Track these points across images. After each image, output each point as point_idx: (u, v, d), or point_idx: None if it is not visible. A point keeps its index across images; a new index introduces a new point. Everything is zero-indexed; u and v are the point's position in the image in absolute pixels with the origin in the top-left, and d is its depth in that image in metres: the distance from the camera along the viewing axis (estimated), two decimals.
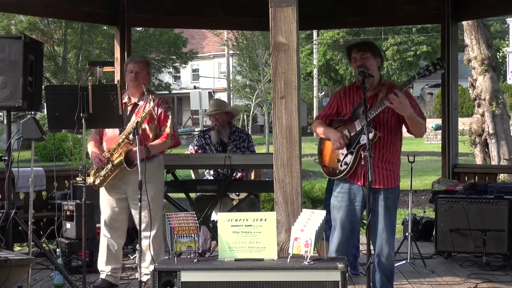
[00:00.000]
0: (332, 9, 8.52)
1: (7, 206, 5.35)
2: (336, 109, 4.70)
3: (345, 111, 4.65)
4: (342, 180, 4.60)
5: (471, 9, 8.27)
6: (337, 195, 4.62)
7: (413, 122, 4.46)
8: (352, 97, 4.64)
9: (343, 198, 4.59)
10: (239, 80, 30.04)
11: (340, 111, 4.68)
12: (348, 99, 4.65)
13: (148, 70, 5.57)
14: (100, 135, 5.56)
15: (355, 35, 38.52)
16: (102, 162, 5.33)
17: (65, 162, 17.56)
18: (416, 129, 4.53)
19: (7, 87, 5.28)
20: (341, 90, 4.76)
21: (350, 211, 4.58)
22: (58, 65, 33.21)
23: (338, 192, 4.62)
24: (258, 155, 7.01)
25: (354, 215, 4.59)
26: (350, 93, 4.67)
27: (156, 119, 5.42)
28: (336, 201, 4.62)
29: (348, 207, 4.57)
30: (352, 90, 4.67)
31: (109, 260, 5.54)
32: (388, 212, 4.55)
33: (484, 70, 12.66)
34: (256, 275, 3.61)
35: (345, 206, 4.57)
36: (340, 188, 4.61)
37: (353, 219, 4.60)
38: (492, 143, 12.72)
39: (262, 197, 9.24)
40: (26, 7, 7.71)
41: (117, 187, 5.44)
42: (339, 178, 4.60)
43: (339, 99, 4.69)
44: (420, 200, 13.06)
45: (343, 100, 4.67)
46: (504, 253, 6.43)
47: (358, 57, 4.57)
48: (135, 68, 5.45)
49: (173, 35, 35.98)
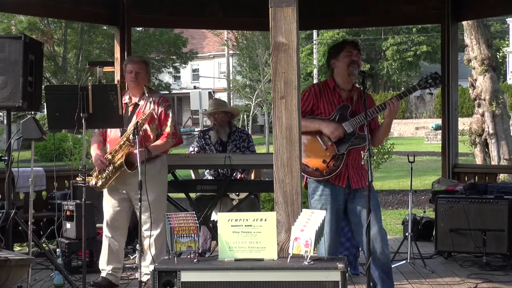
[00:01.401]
0: (332, 9, 8.53)
1: (7, 206, 5.35)
2: (311, 106, 4.65)
3: (322, 110, 4.63)
4: (323, 182, 4.61)
5: (471, 9, 8.27)
6: (320, 198, 4.64)
7: (387, 130, 4.74)
8: (329, 98, 4.63)
9: (327, 200, 4.61)
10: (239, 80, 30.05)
11: (314, 110, 4.65)
12: (325, 99, 4.64)
13: (148, 70, 5.57)
14: (103, 136, 5.56)
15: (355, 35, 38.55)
16: (104, 164, 5.33)
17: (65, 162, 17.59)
18: (384, 136, 4.79)
19: (7, 87, 5.27)
20: (316, 87, 4.71)
21: (335, 211, 4.61)
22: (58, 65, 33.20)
23: (321, 195, 4.63)
24: (258, 155, 7.01)
25: (339, 215, 4.64)
26: (325, 93, 4.65)
27: (156, 119, 5.42)
28: (320, 204, 4.62)
29: (333, 208, 4.59)
30: (327, 90, 4.66)
31: (110, 260, 5.54)
32: (375, 209, 4.54)
33: (484, 70, 12.65)
34: (256, 275, 3.60)
35: (331, 207, 4.59)
36: (322, 191, 4.63)
37: (338, 219, 4.65)
38: (492, 143, 12.72)
39: (262, 197, 9.24)
40: (26, 7, 7.71)
41: (119, 189, 5.45)
42: (324, 179, 4.60)
43: (314, 97, 4.64)
44: (420, 200, 13.06)
45: (319, 99, 4.64)
46: (504, 253, 6.43)
47: (354, 53, 4.60)
48: (134, 68, 5.45)
49: (173, 35, 35.97)
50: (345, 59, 4.60)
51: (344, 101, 4.62)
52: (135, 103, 5.45)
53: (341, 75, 4.64)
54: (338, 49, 4.67)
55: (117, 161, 5.30)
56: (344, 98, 4.63)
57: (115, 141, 5.41)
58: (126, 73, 5.50)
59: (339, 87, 4.65)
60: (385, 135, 4.73)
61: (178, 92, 45.06)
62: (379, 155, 13.15)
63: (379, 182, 15.15)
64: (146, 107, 5.41)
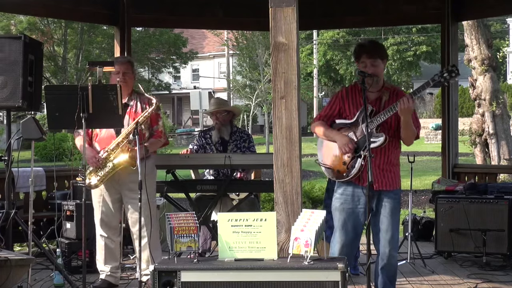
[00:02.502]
0: (332, 9, 8.53)
1: (7, 206, 5.35)
2: (338, 110, 4.62)
3: (348, 112, 4.59)
4: (345, 182, 4.57)
5: (471, 9, 8.28)
6: (340, 197, 4.58)
7: (407, 128, 4.48)
8: (355, 99, 4.57)
9: (346, 200, 4.56)
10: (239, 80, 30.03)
11: (342, 112, 4.62)
12: (351, 101, 4.59)
13: (133, 69, 5.59)
14: (89, 136, 5.51)
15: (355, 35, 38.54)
16: (99, 163, 5.33)
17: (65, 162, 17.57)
18: (408, 135, 4.54)
19: (7, 87, 5.28)
20: (343, 90, 4.68)
21: (353, 214, 4.55)
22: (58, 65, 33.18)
23: (341, 194, 4.58)
24: (258, 155, 7.01)
25: (357, 218, 4.56)
26: (353, 95, 4.59)
27: (149, 119, 5.43)
28: (339, 203, 4.58)
29: (351, 210, 4.54)
30: (355, 92, 4.59)
31: (108, 259, 5.54)
32: (392, 213, 4.52)
33: (484, 70, 12.66)
34: (256, 275, 3.61)
35: (348, 208, 4.55)
36: (343, 190, 4.58)
37: (356, 222, 4.56)
38: (492, 143, 12.72)
39: (262, 197, 9.24)
40: (26, 7, 7.71)
41: (113, 188, 5.45)
42: (345, 181, 4.57)
43: (341, 100, 4.61)
44: (420, 200, 13.06)
45: (345, 101, 4.60)
46: (504, 253, 6.43)
47: (368, 64, 4.48)
48: (121, 69, 5.45)
49: (173, 35, 35.96)
50: (360, 68, 4.53)
51: (372, 102, 4.50)
52: (125, 103, 5.43)
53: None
54: (356, 55, 4.58)
55: (114, 159, 5.30)
56: (372, 99, 4.53)
57: (107, 139, 5.40)
58: (113, 73, 5.50)
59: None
60: (409, 134, 4.50)
61: (178, 92, 45.06)
62: None
63: None
64: (137, 107, 5.43)
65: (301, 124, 4.11)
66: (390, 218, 4.51)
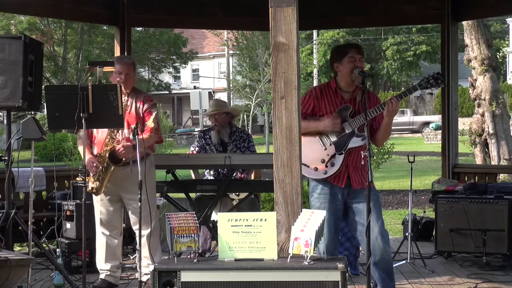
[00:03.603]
0: (332, 9, 8.53)
1: (7, 206, 5.35)
2: (312, 108, 4.66)
3: (324, 112, 4.63)
4: (322, 181, 4.62)
5: (471, 9, 8.28)
6: (319, 197, 4.64)
7: (386, 129, 4.62)
8: (331, 99, 4.63)
9: (326, 198, 4.61)
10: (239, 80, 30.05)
11: (316, 111, 4.65)
12: (327, 100, 4.64)
13: (135, 70, 5.60)
14: (90, 139, 5.51)
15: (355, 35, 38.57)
16: (97, 168, 5.32)
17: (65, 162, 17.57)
18: (385, 136, 4.70)
19: (7, 87, 5.28)
20: (317, 89, 4.72)
21: (334, 211, 4.60)
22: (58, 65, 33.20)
23: (319, 194, 4.64)
24: (258, 155, 7.01)
25: (337, 215, 4.64)
26: (328, 94, 4.65)
27: (142, 118, 5.42)
28: (319, 203, 4.63)
29: (331, 207, 4.59)
30: (329, 91, 4.66)
31: (108, 258, 5.54)
32: (375, 208, 4.54)
33: (484, 70, 12.65)
34: (256, 275, 3.60)
35: (329, 207, 4.58)
36: (321, 190, 4.63)
37: (336, 219, 4.64)
38: (492, 143, 12.72)
39: (262, 197, 9.23)
40: (26, 7, 7.71)
41: (110, 190, 5.44)
42: (323, 179, 4.60)
43: (315, 99, 4.65)
44: (420, 200, 13.06)
45: (320, 101, 4.64)
46: (504, 253, 6.43)
47: (357, 59, 4.57)
48: (124, 70, 5.42)
49: (173, 35, 35.98)
50: (349, 64, 4.57)
51: (347, 102, 4.61)
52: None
53: (345, 79, 4.61)
54: (341, 53, 4.64)
55: (104, 160, 5.30)
56: (347, 99, 4.63)
57: (102, 142, 5.41)
58: (114, 72, 5.47)
59: (341, 89, 4.65)
60: (386, 135, 4.69)
61: (178, 92, 45.07)
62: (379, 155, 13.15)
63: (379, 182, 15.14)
64: (132, 108, 5.43)
65: (301, 124, 4.12)
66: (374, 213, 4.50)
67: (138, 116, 5.40)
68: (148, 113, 5.42)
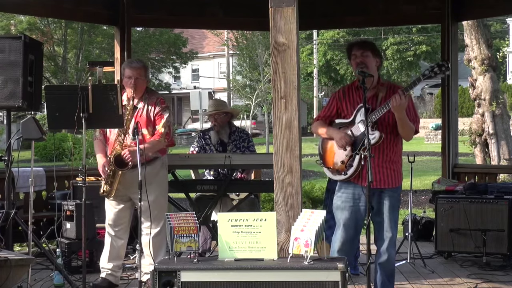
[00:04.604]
0: (332, 9, 8.52)
1: (7, 206, 5.35)
2: (336, 110, 4.67)
3: (346, 112, 4.62)
4: (345, 182, 4.60)
5: (471, 9, 8.27)
6: (341, 195, 4.62)
7: (403, 124, 4.48)
8: (353, 98, 4.61)
9: (347, 198, 4.58)
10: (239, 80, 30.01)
11: (340, 112, 4.65)
12: (348, 100, 4.62)
13: (147, 74, 5.52)
14: (107, 142, 5.52)
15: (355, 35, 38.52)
16: (106, 171, 5.35)
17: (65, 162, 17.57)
18: (405, 131, 4.54)
19: (7, 87, 5.28)
20: (340, 90, 4.72)
21: (354, 211, 4.57)
22: (58, 65, 33.20)
23: (342, 193, 4.61)
24: (258, 155, 7.01)
25: (358, 215, 4.60)
26: (350, 94, 4.63)
27: (152, 121, 5.41)
28: (340, 202, 4.61)
29: (352, 208, 4.57)
30: (352, 91, 4.64)
31: (111, 257, 5.55)
32: (393, 211, 4.57)
33: (484, 70, 12.65)
34: (256, 275, 3.61)
35: (350, 206, 4.57)
36: (344, 189, 4.61)
37: (357, 220, 4.61)
38: (492, 143, 12.72)
39: (262, 197, 9.24)
40: (26, 7, 7.71)
41: (120, 192, 5.43)
42: (344, 180, 4.59)
43: (338, 100, 4.65)
44: (420, 200, 13.05)
45: (343, 101, 4.63)
46: (504, 253, 6.43)
47: (358, 55, 4.55)
48: (133, 75, 5.35)
49: (173, 35, 35.96)
50: (353, 62, 4.58)
51: (368, 100, 4.49)
52: (134, 105, 5.40)
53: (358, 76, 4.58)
54: (348, 53, 4.66)
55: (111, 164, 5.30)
56: (369, 96, 4.52)
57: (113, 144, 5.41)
58: (124, 77, 5.41)
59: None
60: (405, 129, 4.50)
61: (178, 92, 45.05)
62: None
63: None
64: (143, 111, 5.40)
65: (301, 124, 4.12)
66: (388, 215, 4.55)
67: (148, 120, 5.37)
68: (159, 116, 5.40)
